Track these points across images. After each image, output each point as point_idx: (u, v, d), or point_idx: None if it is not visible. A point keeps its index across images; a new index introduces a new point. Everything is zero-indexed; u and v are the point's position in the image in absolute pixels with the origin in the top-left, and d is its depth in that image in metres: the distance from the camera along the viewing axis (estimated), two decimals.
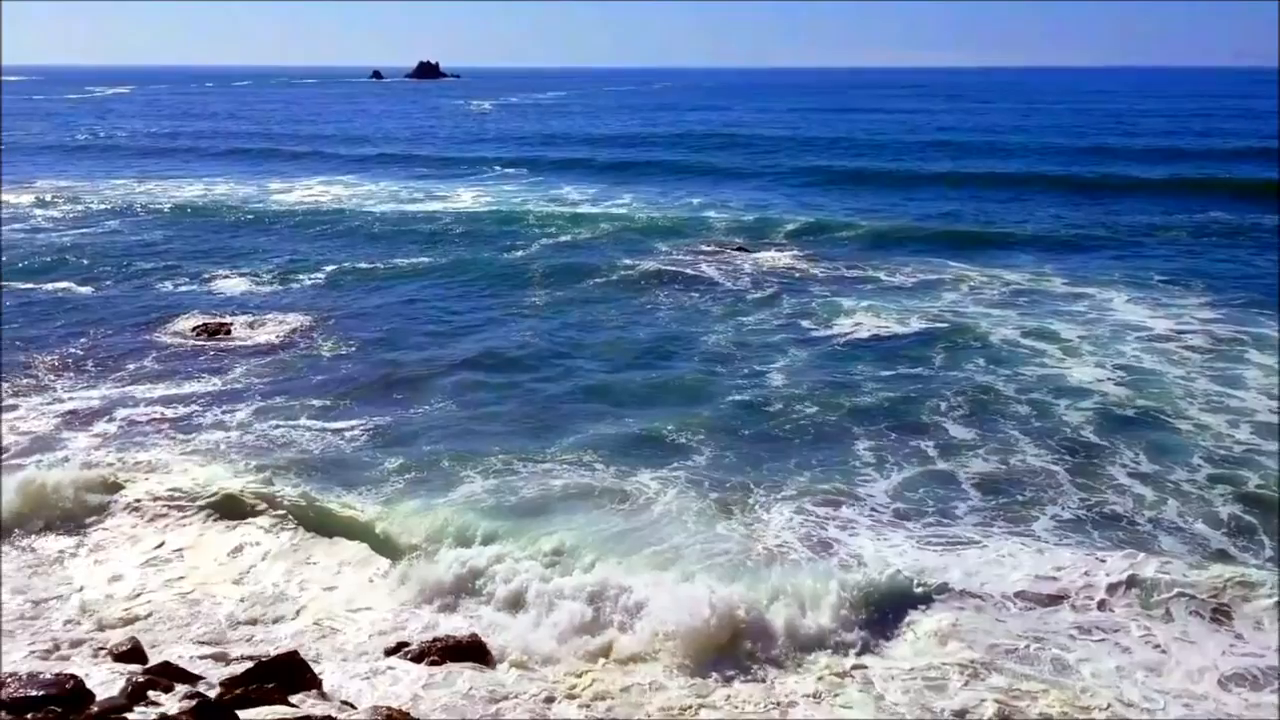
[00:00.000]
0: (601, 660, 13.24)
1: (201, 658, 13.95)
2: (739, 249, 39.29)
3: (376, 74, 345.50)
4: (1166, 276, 33.46)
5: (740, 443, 19.96)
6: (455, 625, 14.12)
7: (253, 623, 14.58)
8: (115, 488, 17.56)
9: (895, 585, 14.48)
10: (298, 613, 14.67)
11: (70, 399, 22.76)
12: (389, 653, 13.87)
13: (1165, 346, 25.83)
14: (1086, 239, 40.52)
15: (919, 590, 14.45)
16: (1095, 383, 23.19)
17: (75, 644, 14.29)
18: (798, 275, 34.69)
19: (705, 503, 17.27)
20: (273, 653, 13.42)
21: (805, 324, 28.57)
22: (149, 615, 14.75)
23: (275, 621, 14.55)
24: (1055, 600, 14.29)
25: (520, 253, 39.16)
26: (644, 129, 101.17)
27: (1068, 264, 35.90)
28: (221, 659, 13.94)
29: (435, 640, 13.84)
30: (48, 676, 12.77)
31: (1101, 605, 14.15)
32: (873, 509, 17.21)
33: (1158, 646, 13.28)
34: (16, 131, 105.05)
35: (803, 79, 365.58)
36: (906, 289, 32.59)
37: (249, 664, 13.25)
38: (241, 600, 14.96)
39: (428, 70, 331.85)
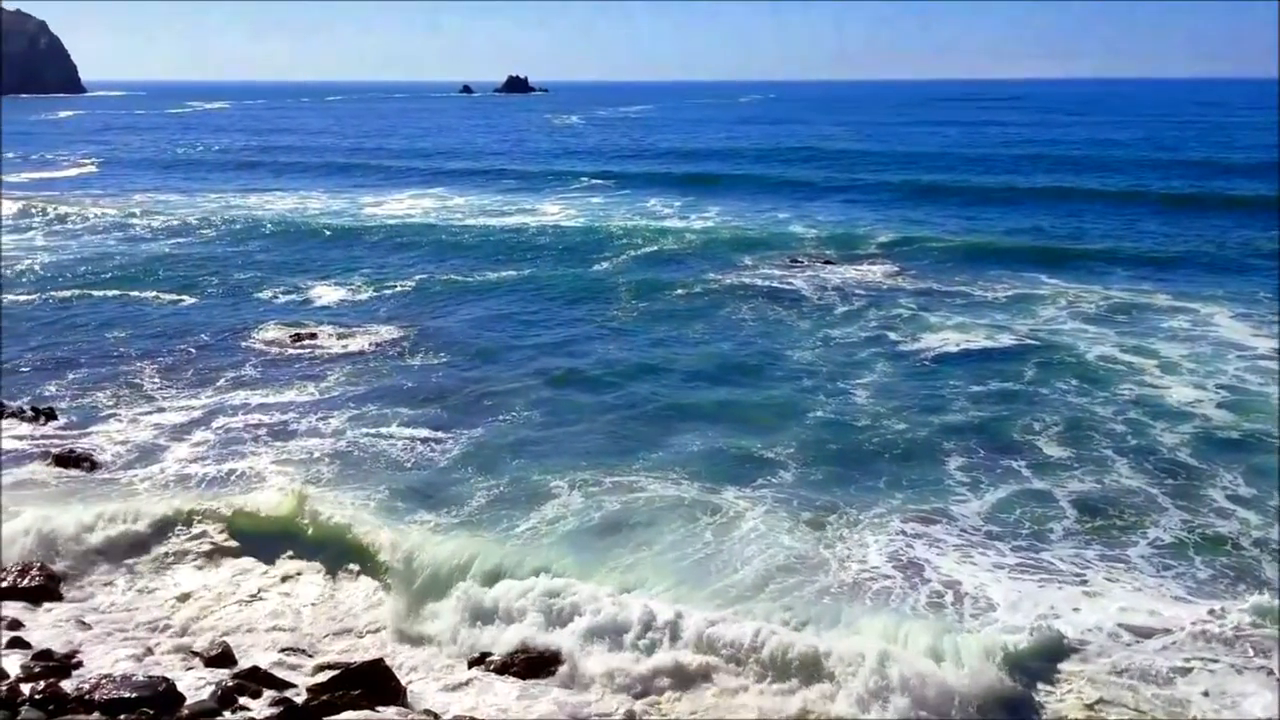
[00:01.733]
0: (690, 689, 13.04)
1: (288, 665, 14.07)
2: (826, 262, 38.95)
3: (466, 88, 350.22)
4: (1274, 295, 32.38)
5: (828, 460, 19.72)
6: (534, 642, 14.00)
7: (337, 633, 14.68)
8: (211, 516, 17.60)
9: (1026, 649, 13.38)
10: (379, 625, 14.72)
11: (170, 407, 23.30)
12: (472, 664, 13.89)
13: (1269, 366, 25.01)
14: (1189, 255, 39.42)
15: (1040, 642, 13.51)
16: (1195, 403, 22.53)
17: (168, 648, 14.52)
18: (886, 289, 34.28)
19: (795, 523, 17.00)
20: (358, 660, 13.52)
21: (893, 338, 28.22)
22: (239, 626, 14.93)
23: (359, 631, 14.62)
24: (1169, 643, 13.56)
25: (606, 265, 39.25)
26: (730, 142, 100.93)
27: (1168, 281, 35.01)
28: (307, 666, 14.05)
29: (517, 653, 13.82)
30: (140, 679, 13.01)
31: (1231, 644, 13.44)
32: (967, 530, 16.83)
33: None
34: (117, 145, 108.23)
35: (893, 91, 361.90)
36: (999, 304, 31.99)
37: (335, 671, 13.35)
38: (326, 609, 15.06)
39: (516, 85, 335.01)
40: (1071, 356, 26.04)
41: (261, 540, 16.70)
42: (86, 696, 12.59)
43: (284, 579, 15.91)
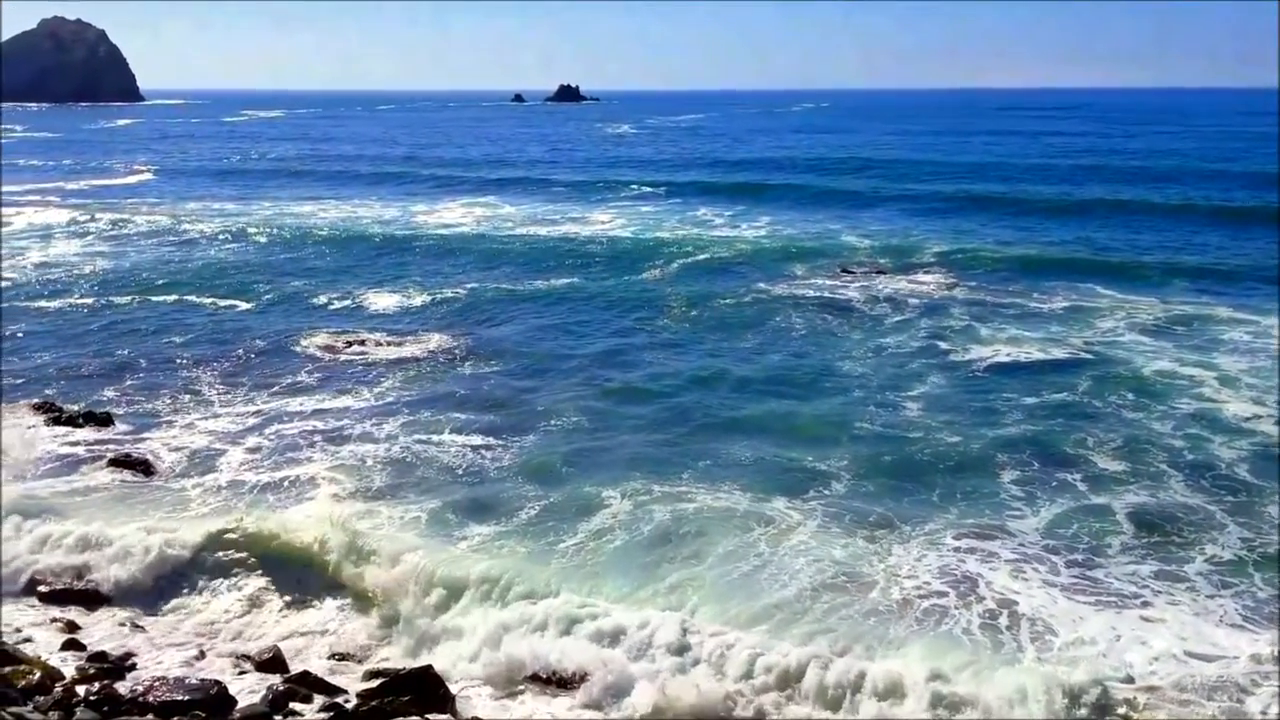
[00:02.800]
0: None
1: (338, 671, 14.14)
2: (878, 272, 38.72)
3: (518, 97, 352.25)
4: None
5: (880, 472, 19.55)
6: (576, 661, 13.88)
7: (388, 641, 14.73)
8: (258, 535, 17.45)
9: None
10: (430, 634, 14.72)
11: (225, 412, 23.58)
12: (518, 680, 13.84)
13: None
14: (1249, 268, 38.60)
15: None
16: (1254, 418, 22.11)
17: (220, 652, 14.65)
18: (939, 300, 33.99)
19: (847, 537, 16.82)
20: (407, 668, 13.55)
21: (945, 349, 27.96)
22: (290, 632, 15.03)
23: (409, 639, 14.65)
24: (1231, 669, 13.13)
25: (657, 274, 39.27)
26: (782, 151, 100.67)
27: (1228, 293, 34.40)
28: (357, 672, 14.11)
29: (558, 670, 13.74)
30: (193, 682, 13.16)
31: None
32: (1022, 545, 16.55)
33: None
34: (173, 153, 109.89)
35: (948, 100, 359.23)
36: (1054, 316, 31.61)
37: (384, 678, 13.41)
38: (374, 619, 15.10)
39: (568, 93, 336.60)
40: (1128, 369, 25.66)
41: (309, 555, 16.71)
42: (140, 698, 12.74)
43: (331, 588, 15.93)
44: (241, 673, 14.11)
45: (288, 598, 15.87)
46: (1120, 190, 62.67)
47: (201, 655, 14.58)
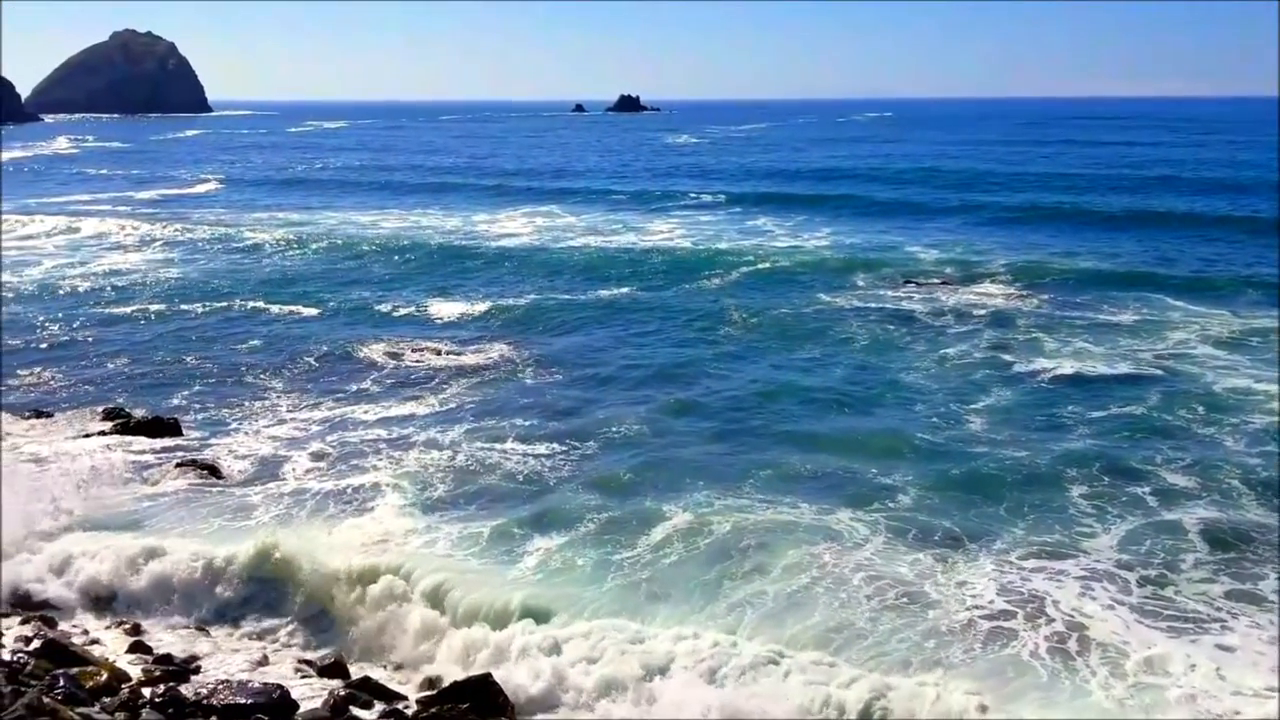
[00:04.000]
0: None
1: (398, 678, 14.19)
2: (942, 284, 38.32)
3: (579, 107, 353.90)
4: None
5: (945, 484, 19.28)
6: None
7: (445, 651, 14.73)
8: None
9: None
10: (489, 641, 14.70)
11: (291, 418, 23.87)
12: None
13: None
14: None
15: None
16: None
17: (283, 657, 14.76)
18: (1004, 312, 33.52)
19: (911, 553, 16.55)
20: (467, 675, 13.56)
21: (1011, 362, 27.56)
22: (351, 639, 15.09)
23: (467, 646, 14.63)
24: None
25: (717, 284, 39.17)
26: (844, 161, 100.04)
27: None
28: (417, 680, 14.15)
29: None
30: (256, 686, 13.27)
31: None
32: (1092, 563, 16.16)
33: None
34: (240, 163, 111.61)
35: (1015, 109, 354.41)
36: (1123, 329, 31.02)
37: (444, 685, 13.43)
38: (434, 629, 15.09)
39: (628, 103, 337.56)
40: (1199, 384, 25.12)
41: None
42: (204, 701, 12.87)
43: (391, 598, 15.93)
44: (304, 677, 14.22)
45: (347, 607, 15.89)
46: (1193, 201, 61.37)
47: (264, 660, 14.72)
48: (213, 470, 20.45)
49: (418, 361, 28.54)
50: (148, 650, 14.75)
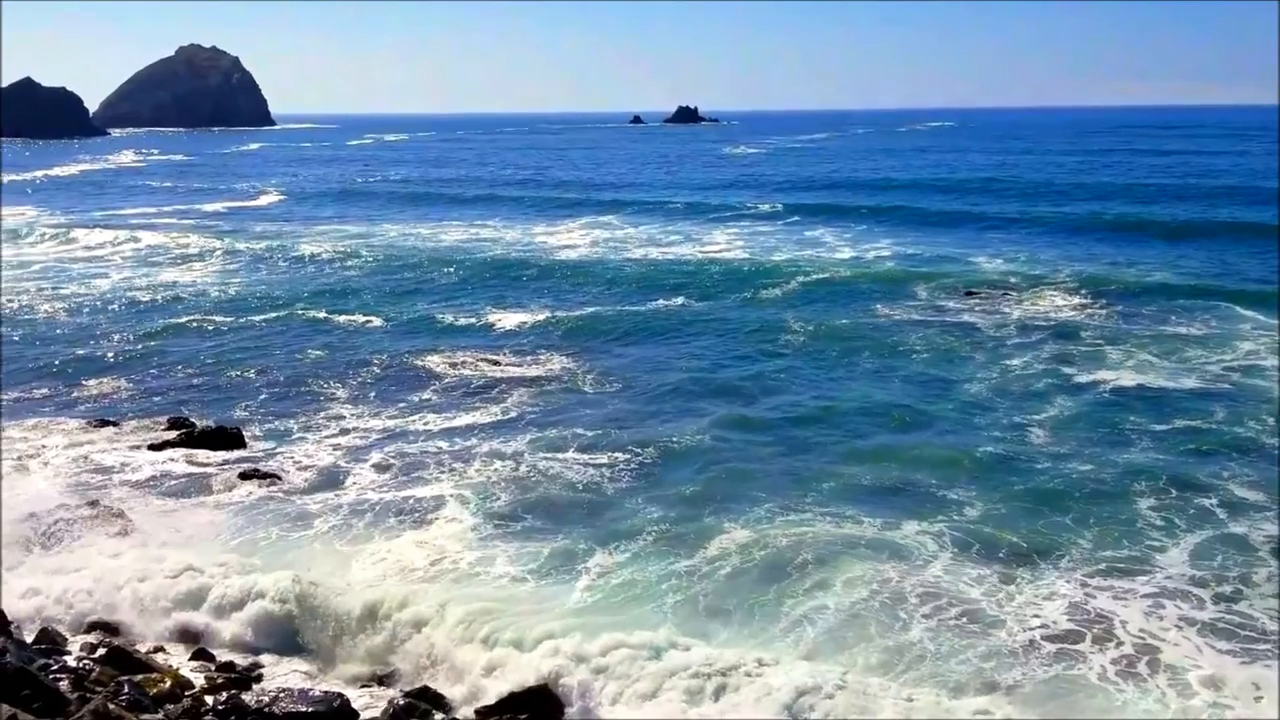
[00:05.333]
0: None
1: (456, 686, 14.17)
2: (1004, 295, 37.84)
3: (636, 119, 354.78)
4: None
5: (1009, 497, 19.02)
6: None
7: (505, 660, 14.69)
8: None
9: None
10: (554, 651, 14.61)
11: (356, 428, 24.10)
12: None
13: None
14: None
15: None
16: None
17: (342, 666, 14.81)
18: (1067, 324, 33.01)
19: (974, 567, 16.30)
20: (525, 685, 13.52)
21: (1073, 373, 27.22)
22: (411, 649, 15.09)
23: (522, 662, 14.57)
24: None
25: (775, 295, 38.98)
26: (905, 172, 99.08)
27: None
28: (476, 689, 14.12)
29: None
30: (316, 694, 13.36)
31: None
32: (1161, 579, 15.82)
33: None
34: (302, 176, 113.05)
35: (1084, 118, 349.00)
36: (1191, 340, 30.42)
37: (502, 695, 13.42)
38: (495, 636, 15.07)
39: (686, 115, 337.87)
40: (1268, 397, 24.58)
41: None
42: (266, 709, 12.97)
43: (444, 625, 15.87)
44: (363, 686, 14.29)
45: (409, 617, 15.88)
46: (1263, 212, 59.71)
47: (324, 669, 14.78)
48: (274, 480, 20.63)
49: (478, 372, 28.67)
50: (210, 658, 14.90)
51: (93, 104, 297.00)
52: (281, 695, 13.33)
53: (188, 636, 15.65)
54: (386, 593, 15.68)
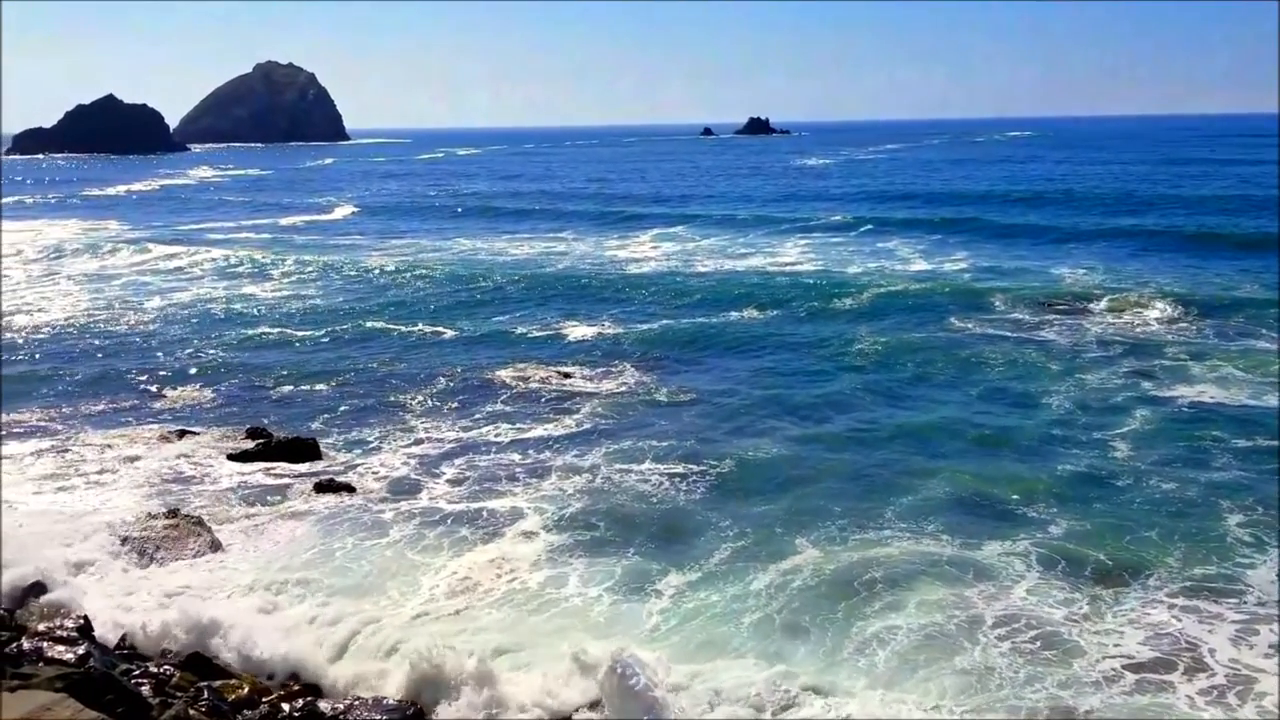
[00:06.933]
0: None
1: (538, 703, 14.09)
2: (1084, 309, 37.15)
3: (707, 130, 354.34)
4: None
5: (1092, 514, 18.62)
6: None
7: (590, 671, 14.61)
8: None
9: None
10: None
11: (429, 439, 24.25)
12: None
13: None
14: None
15: None
16: None
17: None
18: (1150, 338, 32.35)
19: (1056, 591, 15.88)
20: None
21: (1155, 388, 26.66)
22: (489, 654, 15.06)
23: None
24: None
25: (849, 308, 38.68)
26: (981, 183, 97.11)
27: None
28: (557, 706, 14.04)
29: None
30: (390, 703, 13.40)
31: None
32: (1258, 609, 15.23)
33: None
34: (376, 190, 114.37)
35: (1170, 126, 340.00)
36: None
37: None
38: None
39: (757, 126, 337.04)
40: None
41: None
42: (340, 716, 13.03)
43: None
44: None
45: (484, 624, 15.91)
46: None
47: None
48: (349, 491, 20.81)
49: (550, 384, 28.75)
50: None
51: (173, 120, 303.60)
52: (356, 703, 13.40)
53: None
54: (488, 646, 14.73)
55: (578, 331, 35.73)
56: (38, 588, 16.28)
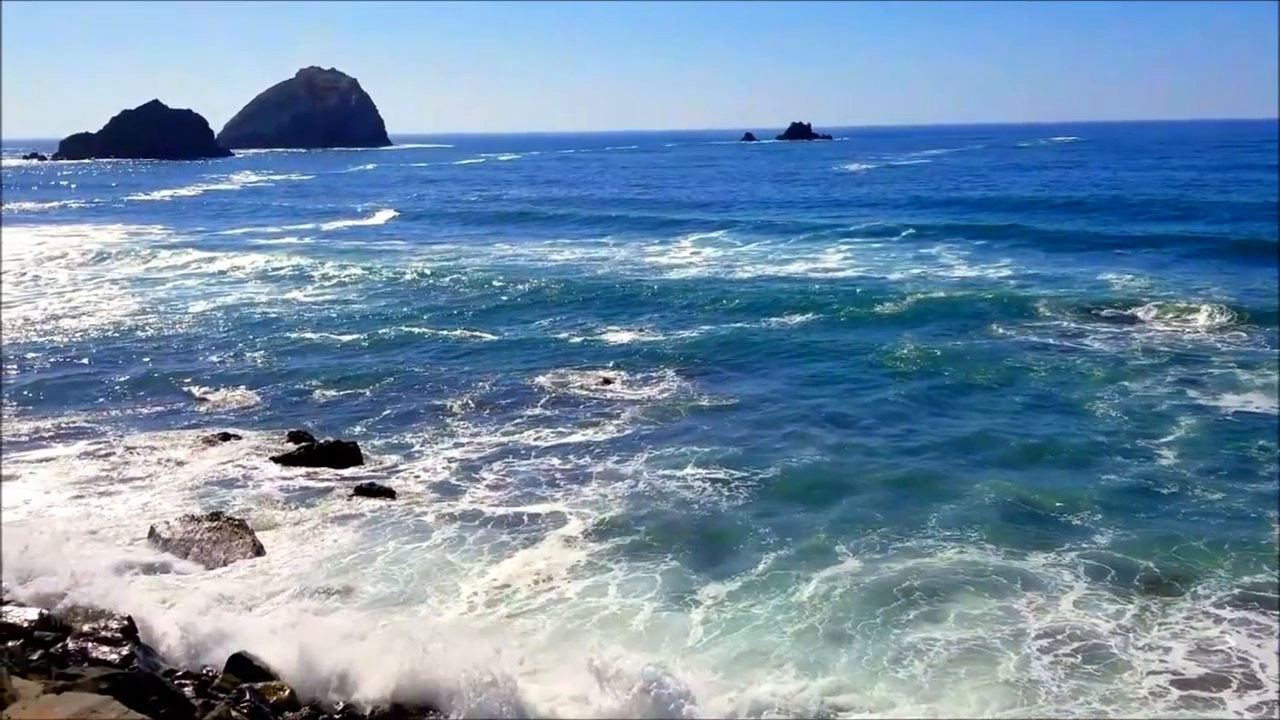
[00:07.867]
0: None
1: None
2: (1130, 316, 36.73)
3: (748, 136, 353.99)
4: None
5: (1139, 524, 18.40)
6: None
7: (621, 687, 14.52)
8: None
9: None
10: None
11: (469, 443, 24.33)
12: None
13: None
14: None
15: None
16: None
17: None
18: (1197, 346, 31.94)
19: (1101, 601, 15.67)
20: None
21: (1201, 396, 26.35)
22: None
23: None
24: None
25: (890, 314, 38.40)
26: (1025, 190, 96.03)
27: None
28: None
29: None
30: (422, 708, 13.37)
31: None
32: None
33: None
34: (417, 195, 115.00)
35: (1221, 131, 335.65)
36: None
37: None
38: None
39: (799, 131, 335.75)
40: None
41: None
42: (379, 715, 13.05)
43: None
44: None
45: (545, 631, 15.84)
46: None
47: None
48: (390, 495, 20.87)
49: (591, 389, 28.74)
50: None
51: (218, 126, 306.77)
52: (392, 709, 13.39)
53: None
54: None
55: (618, 337, 35.72)
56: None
